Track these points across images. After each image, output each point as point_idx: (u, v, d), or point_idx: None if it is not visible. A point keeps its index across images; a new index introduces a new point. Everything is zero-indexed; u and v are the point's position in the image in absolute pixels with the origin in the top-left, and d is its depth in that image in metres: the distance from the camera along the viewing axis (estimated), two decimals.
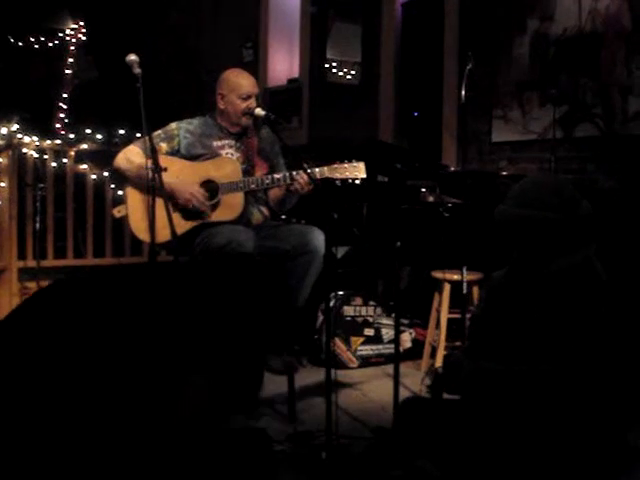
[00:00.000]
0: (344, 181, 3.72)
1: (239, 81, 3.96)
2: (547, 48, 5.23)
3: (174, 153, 3.89)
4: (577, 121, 5.03)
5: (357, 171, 3.71)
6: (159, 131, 3.89)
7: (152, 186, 3.30)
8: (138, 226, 3.78)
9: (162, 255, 4.04)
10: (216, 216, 3.78)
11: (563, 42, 5.13)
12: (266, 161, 4.03)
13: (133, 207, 3.80)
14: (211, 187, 3.80)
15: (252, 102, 3.91)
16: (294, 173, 3.72)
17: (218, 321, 1.68)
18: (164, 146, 3.87)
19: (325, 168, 3.67)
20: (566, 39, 5.11)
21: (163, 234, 3.49)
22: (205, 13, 8.58)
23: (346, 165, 3.70)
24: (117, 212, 3.93)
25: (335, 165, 3.69)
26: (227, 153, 3.94)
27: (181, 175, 3.76)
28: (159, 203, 3.37)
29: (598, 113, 4.92)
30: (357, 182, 3.73)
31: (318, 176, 3.62)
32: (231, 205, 3.79)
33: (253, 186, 3.79)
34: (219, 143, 3.95)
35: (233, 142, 3.97)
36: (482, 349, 2.43)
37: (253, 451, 2.81)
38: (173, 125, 3.96)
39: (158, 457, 1.57)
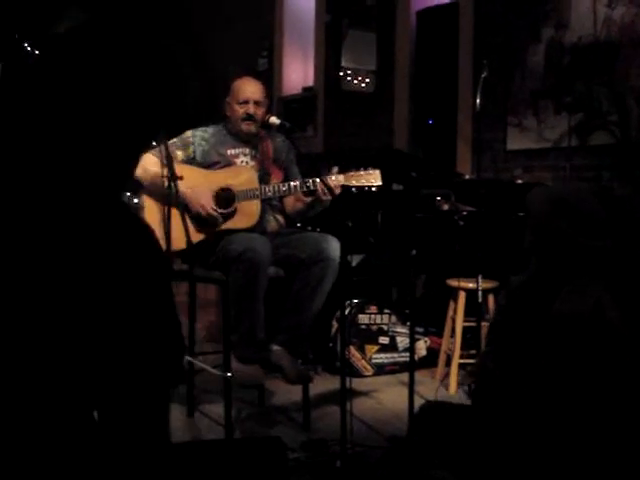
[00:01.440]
0: (360, 189, 3.72)
1: (240, 87, 3.96)
2: (562, 56, 5.23)
3: (190, 161, 3.90)
4: (592, 129, 5.02)
5: (373, 178, 3.70)
6: (175, 139, 3.91)
7: (168, 195, 3.31)
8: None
9: (177, 263, 4.05)
10: (233, 224, 3.78)
11: (578, 50, 5.12)
12: (281, 169, 4.03)
13: (149, 215, 3.81)
14: (227, 195, 3.81)
15: (250, 107, 3.89)
16: (310, 181, 3.72)
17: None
18: (180, 154, 3.88)
19: (341, 176, 3.67)
20: (581, 47, 5.10)
21: (179, 242, 3.51)
22: (220, 22, 8.62)
23: (362, 172, 3.69)
24: None
25: (351, 173, 3.69)
26: (242, 161, 3.95)
27: (197, 183, 3.78)
28: (175, 212, 3.38)
29: (613, 121, 4.91)
30: (373, 189, 3.72)
31: (331, 184, 3.61)
32: (248, 213, 3.79)
33: (270, 194, 3.79)
34: (233, 151, 3.96)
35: (248, 150, 3.98)
36: (506, 358, 2.40)
37: (267, 459, 2.80)
38: (188, 133, 3.97)
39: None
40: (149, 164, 3.83)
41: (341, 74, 7.21)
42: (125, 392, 1.36)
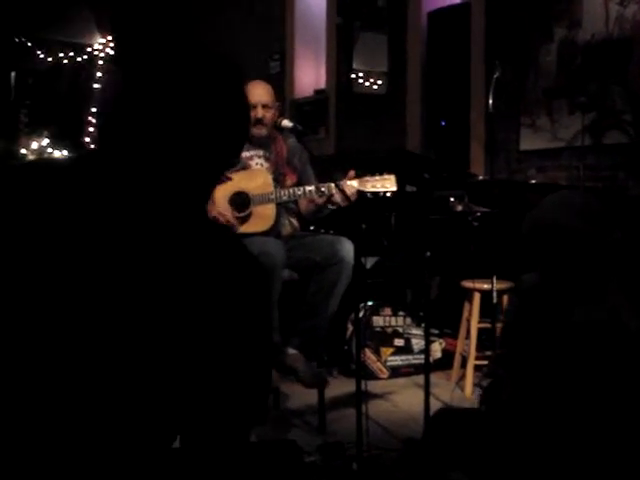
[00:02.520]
0: (375, 194, 3.72)
1: (247, 91, 3.95)
2: (575, 55, 5.20)
3: None
4: (606, 128, 5.00)
5: (388, 183, 3.70)
6: None
7: None
8: None
9: None
10: (248, 228, 3.78)
11: (591, 49, 5.10)
12: (295, 171, 4.03)
13: None
14: (243, 199, 3.81)
15: (258, 111, 3.87)
16: (325, 186, 3.72)
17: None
18: None
19: (356, 181, 3.66)
20: (594, 46, 5.08)
21: None
22: (231, 26, 8.63)
23: (377, 177, 3.69)
24: None
25: (366, 178, 3.68)
26: (257, 163, 3.95)
27: None
28: None
29: (627, 120, 4.89)
30: (388, 194, 3.71)
31: (347, 190, 3.60)
32: (263, 216, 3.79)
33: (285, 197, 3.79)
34: (247, 154, 3.96)
35: (261, 152, 3.98)
36: (519, 364, 2.38)
37: (283, 463, 2.80)
38: None
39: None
40: None
41: (353, 76, 7.21)
42: (208, 430, 1.30)
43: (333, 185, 3.63)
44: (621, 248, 2.22)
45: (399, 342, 4.94)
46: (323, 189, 3.72)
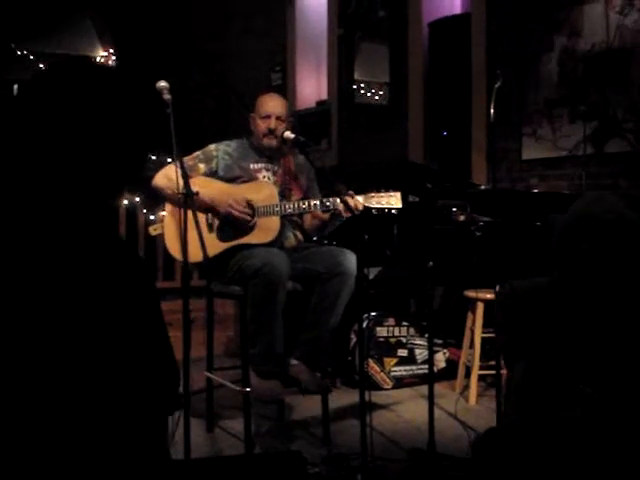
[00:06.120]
0: (380, 210, 3.73)
1: (262, 101, 4.01)
2: (575, 64, 5.21)
3: (211, 174, 3.92)
4: (608, 137, 5.00)
5: (393, 200, 3.71)
6: (198, 152, 3.94)
7: (185, 207, 3.31)
8: (173, 244, 3.81)
9: (195, 279, 4.07)
10: (251, 238, 3.79)
11: (591, 58, 5.10)
12: (301, 187, 4.05)
13: (169, 225, 3.83)
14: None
15: (271, 122, 3.91)
16: (330, 200, 3.73)
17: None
18: (202, 167, 3.90)
19: (361, 197, 3.67)
20: (594, 55, 5.09)
21: (197, 254, 3.51)
22: (233, 38, 8.66)
23: (383, 194, 3.70)
24: (153, 230, 3.96)
25: (371, 194, 3.70)
26: (264, 176, 3.96)
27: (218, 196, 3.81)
28: (192, 225, 3.39)
29: (629, 128, 4.89)
30: (393, 212, 3.73)
31: (352, 205, 3.60)
32: (267, 228, 3.80)
33: (290, 210, 3.80)
34: (256, 166, 3.98)
35: (270, 165, 4.00)
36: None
37: (288, 474, 2.80)
38: (212, 146, 4.00)
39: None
40: (172, 173, 3.84)
41: (354, 87, 7.22)
42: (123, 420, 1.37)
43: (338, 200, 3.64)
44: None
45: (403, 352, 4.94)
46: (328, 203, 3.73)
